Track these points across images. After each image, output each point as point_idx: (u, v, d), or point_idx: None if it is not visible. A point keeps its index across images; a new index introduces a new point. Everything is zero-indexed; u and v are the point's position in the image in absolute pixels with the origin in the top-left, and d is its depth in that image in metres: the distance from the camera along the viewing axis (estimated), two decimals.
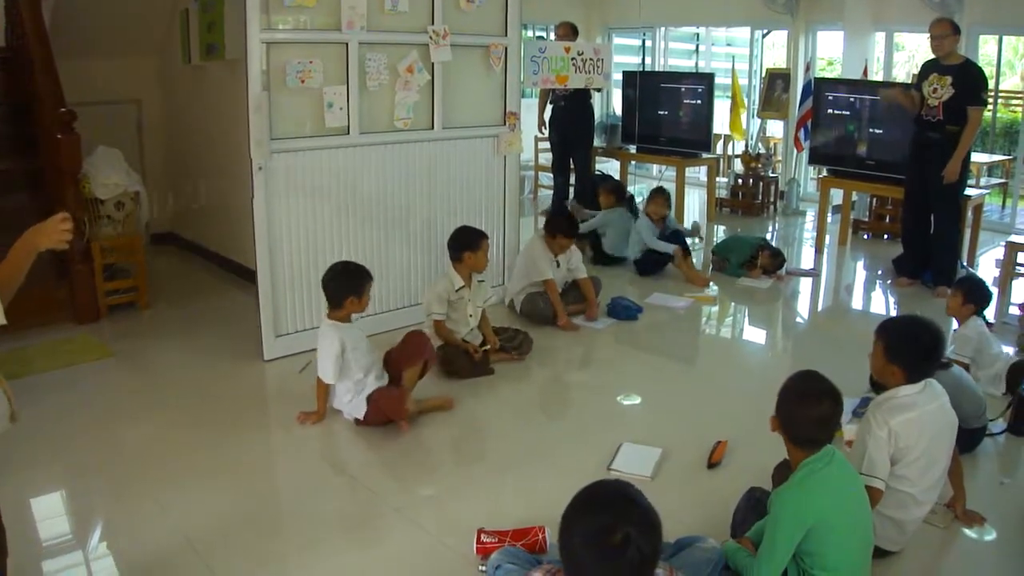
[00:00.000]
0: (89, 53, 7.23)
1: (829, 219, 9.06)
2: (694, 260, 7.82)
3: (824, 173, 9.39)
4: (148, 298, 6.48)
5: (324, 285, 4.60)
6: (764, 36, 12.48)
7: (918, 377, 3.36)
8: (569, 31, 9.39)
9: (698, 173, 12.09)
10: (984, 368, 5.08)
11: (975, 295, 5.20)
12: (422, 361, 4.78)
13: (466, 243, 5.33)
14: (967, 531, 3.68)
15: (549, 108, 10.06)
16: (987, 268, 8.10)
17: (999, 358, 5.18)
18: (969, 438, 4.06)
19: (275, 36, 5.09)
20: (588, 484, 2.23)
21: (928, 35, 7.00)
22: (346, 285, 4.53)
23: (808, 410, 2.94)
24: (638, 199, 9.22)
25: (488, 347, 5.43)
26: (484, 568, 3.21)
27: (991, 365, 5.11)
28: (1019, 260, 7.49)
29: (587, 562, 2.09)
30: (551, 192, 10.67)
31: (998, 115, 11.64)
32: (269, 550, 3.51)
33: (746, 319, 7.06)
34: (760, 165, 10.78)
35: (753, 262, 7.64)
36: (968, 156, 7.10)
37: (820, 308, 7.50)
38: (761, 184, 10.80)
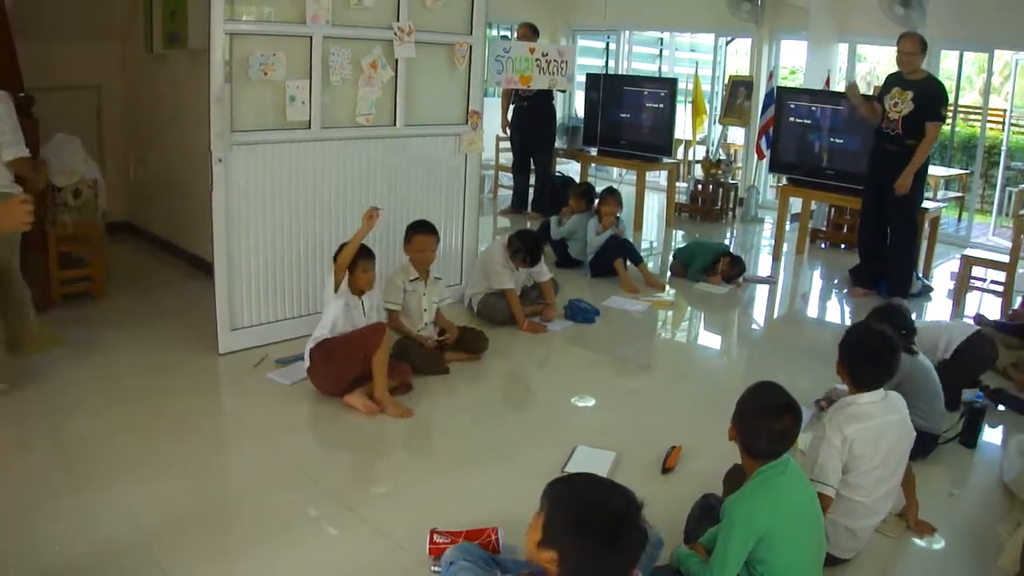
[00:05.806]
0: (49, 37, 7.08)
1: (787, 227, 9.12)
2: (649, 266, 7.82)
3: (784, 181, 9.44)
4: (103, 288, 6.38)
5: None
6: (728, 43, 12.57)
7: (866, 384, 3.38)
8: (529, 32, 9.43)
9: (658, 177, 12.13)
10: None
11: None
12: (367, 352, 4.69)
13: (407, 233, 5.43)
14: (917, 540, 3.73)
15: (511, 108, 10.07)
16: (942, 281, 8.21)
17: None
18: (922, 444, 4.10)
19: (239, 27, 5.04)
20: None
21: (896, 49, 7.05)
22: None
23: (769, 424, 2.94)
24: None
25: (446, 336, 5.44)
26: (437, 569, 3.20)
27: None
28: (974, 273, 7.61)
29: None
30: (511, 192, 10.69)
31: (957, 129, 11.78)
32: (219, 546, 3.47)
33: (702, 324, 7.10)
34: (720, 171, 10.85)
35: (715, 268, 7.67)
36: (925, 169, 7.21)
37: (776, 316, 7.55)
38: (721, 190, 10.88)
